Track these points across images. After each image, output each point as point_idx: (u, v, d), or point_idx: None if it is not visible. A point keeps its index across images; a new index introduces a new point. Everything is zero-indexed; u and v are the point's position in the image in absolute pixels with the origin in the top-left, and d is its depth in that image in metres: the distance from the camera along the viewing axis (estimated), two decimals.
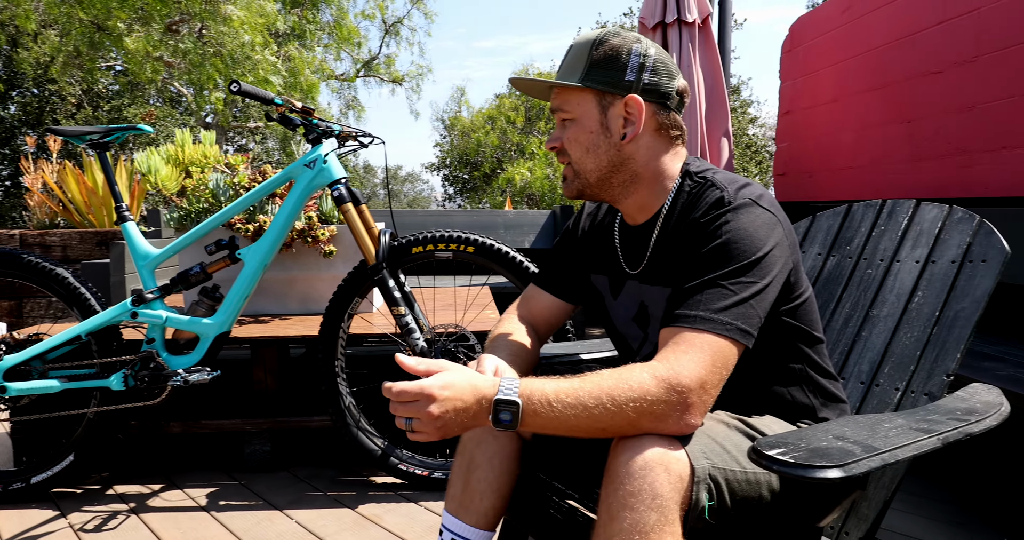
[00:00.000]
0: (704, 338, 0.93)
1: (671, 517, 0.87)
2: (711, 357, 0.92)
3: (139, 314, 2.02)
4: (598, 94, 1.10)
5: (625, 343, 1.26)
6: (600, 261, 1.27)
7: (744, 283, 0.97)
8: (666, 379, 0.89)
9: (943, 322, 1.32)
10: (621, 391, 0.90)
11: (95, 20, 9.93)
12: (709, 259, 0.99)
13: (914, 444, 0.88)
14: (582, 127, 1.11)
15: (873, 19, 4.04)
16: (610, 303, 1.26)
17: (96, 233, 5.07)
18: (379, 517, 1.94)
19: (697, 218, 1.05)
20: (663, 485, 0.87)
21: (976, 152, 3.23)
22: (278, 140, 16.86)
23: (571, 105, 1.12)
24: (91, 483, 2.22)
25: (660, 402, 0.89)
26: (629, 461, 0.89)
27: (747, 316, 0.96)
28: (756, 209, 1.02)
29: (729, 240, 0.99)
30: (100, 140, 2.09)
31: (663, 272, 1.13)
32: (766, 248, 0.99)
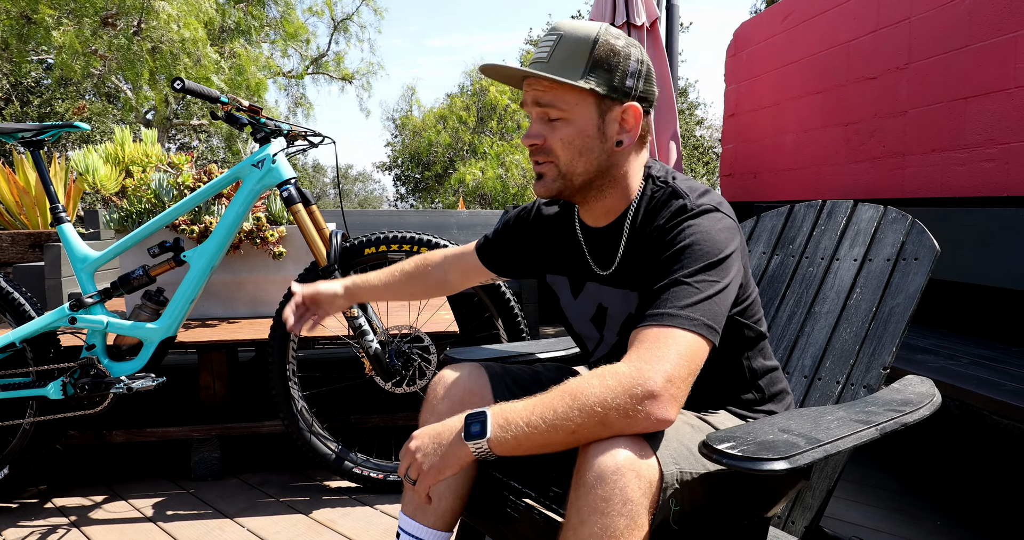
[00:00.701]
0: (670, 333, 0.93)
1: (640, 522, 0.88)
2: (676, 351, 0.92)
3: (78, 319, 1.94)
4: (598, 97, 1.06)
5: (581, 342, 1.29)
6: (560, 261, 1.28)
7: (708, 281, 0.98)
8: (630, 376, 0.89)
9: (879, 317, 1.39)
10: (586, 392, 0.90)
11: (23, 11, 9.48)
12: (674, 261, 1.01)
13: (854, 435, 0.92)
14: (577, 129, 1.07)
15: (811, 27, 4.19)
16: (567, 302, 1.28)
17: (29, 235, 4.85)
18: (334, 522, 1.92)
19: (661, 225, 1.06)
20: (634, 491, 0.87)
21: (909, 155, 3.39)
22: (223, 138, 16.41)
23: (566, 104, 1.06)
24: (28, 497, 2.13)
25: (626, 398, 0.88)
26: (600, 465, 0.89)
27: (712, 313, 0.97)
28: (717, 214, 1.05)
29: (693, 243, 1.01)
30: (33, 138, 2.00)
31: (628, 276, 1.14)
32: (727, 250, 1.02)
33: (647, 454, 0.91)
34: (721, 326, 0.99)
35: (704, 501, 1.01)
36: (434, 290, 1.48)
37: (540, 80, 1.06)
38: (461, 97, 17.24)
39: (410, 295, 1.48)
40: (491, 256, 1.40)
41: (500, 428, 0.95)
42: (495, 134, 15.96)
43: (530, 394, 1.29)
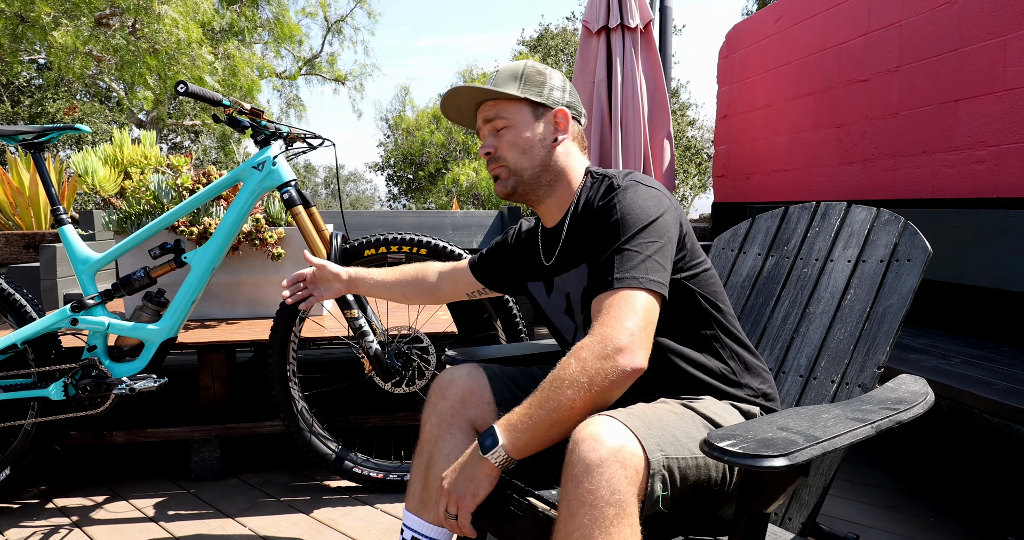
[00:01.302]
0: (621, 295, 1.06)
1: (629, 510, 0.91)
2: (631, 308, 1.04)
3: (79, 321, 1.95)
4: (532, 105, 1.28)
5: (562, 337, 1.37)
6: (531, 269, 1.41)
7: (644, 243, 1.11)
8: (598, 342, 1.01)
9: (873, 318, 1.42)
10: (567, 370, 1.01)
11: (18, 11, 9.43)
12: (611, 233, 1.13)
13: (851, 432, 0.95)
14: (516, 131, 1.27)
15: (803, 29, 4.23)
16: (546, 303, 1.39)
17: (23, 236, 4.84)
18: (335, 521, 1.93)
19: (595, 203, 1.21)
20: (620, 480, 0.91)
21: (900, 156, 3.43)
22: (216, 139, 16.36)
23: (508, 113, 1.27)
24: (29, 497, 2.14)
25: (600, 361, 1.00)
26: (585, 458, 0.92)
27: (654, 269, 1.09)
28: (641, 187, 1.18)
29: (624, 213, 1.14)
30: (34, 140, 2.01)
31: (573, 256, 1.28)
32: (656, 213, 1.14)
33: (631, 443, 0.94)
34: (667, 280, 1.11)
35: (696, 488, 1.04)
36: (426, 296, 1.62)
37: (487, 103, 1.29)
38: None
39: (402, 295, 1.62)
40: (483, 271, 1.54)
41: (509, 432, 1.04)
42: None
43: (527, 393, 1.32)
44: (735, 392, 1.22)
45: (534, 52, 18.29)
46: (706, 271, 1.25)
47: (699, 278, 1.23)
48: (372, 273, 1.63)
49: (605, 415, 0.98)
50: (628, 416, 0.99)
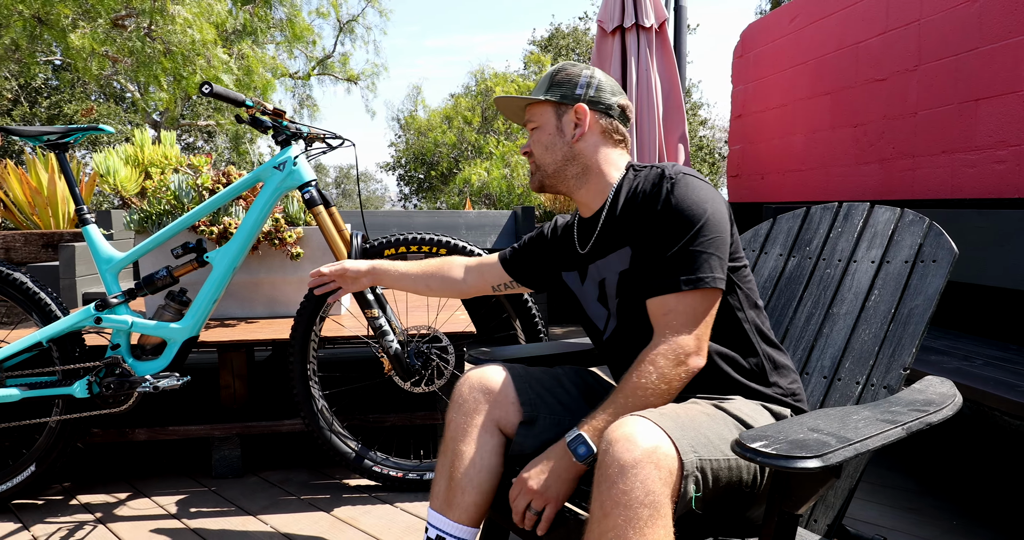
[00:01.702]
0: (689, 297, 1.15)
1: (663, 511, 0.91)
2: (697, 310, 1.14)
3: (103, 319, 1.97)
4: (554, 105, 1.36)
5: (593, 325, 1.39)
6: (567, 258, 1.44)
7: (706, 240, 1.16)
8: (671, 351, 1.12)
9: (898, 319, 1.41)
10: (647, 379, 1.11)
11: (36, 13, 9.53)
12: (668, 227, 1.18)
13: (882, 434, 0.95)
14: (543, 131, 1.37)
15: (819, 28, 4.21)
16: (580, 293, 1.41)
17: (42, 235, 4.89)
18: (355, 519, 1.95)
19: (646, 190, 1.25)
20: (654, 481, 0.91)
21: (919, 156, 3.40)
22: (229, 139, 16.46)
23: (536, 116, 1.38)
24: (53, 493, 2.16)
25: (675, 367, 1.12)
26: (620, 458, 0.93)
27: (718, 267, 1.17)
28: (694, 180, 1.22)
29: (680, 207, 1.18)
30: (58, 141, 2.03)
31: (611, 241, 1.31)
32: (710, 208, 1.18)
33: (665, 444, 0.95)
34: (725, 272, 1.18)
35: (728, 489, 1.04)
36: (450, 288, 1.65)
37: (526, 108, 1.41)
38: (466, 97, 17.26)
39: (427, 287, 1.66)
40: (515, 265, 1.57)
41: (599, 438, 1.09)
42: (500, 134, 15.98)
43: (552, 393, 1.33)
44: (765, 391, 1.22)
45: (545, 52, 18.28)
46: (745, 266, 1.27)
47: (740, 273, 1.26)
48: (396, 265, 1.69)
49: (638, 415, 0.98)
50: (661, 417, 0.99)
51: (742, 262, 1.27)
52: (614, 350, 1.34)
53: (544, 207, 6.35)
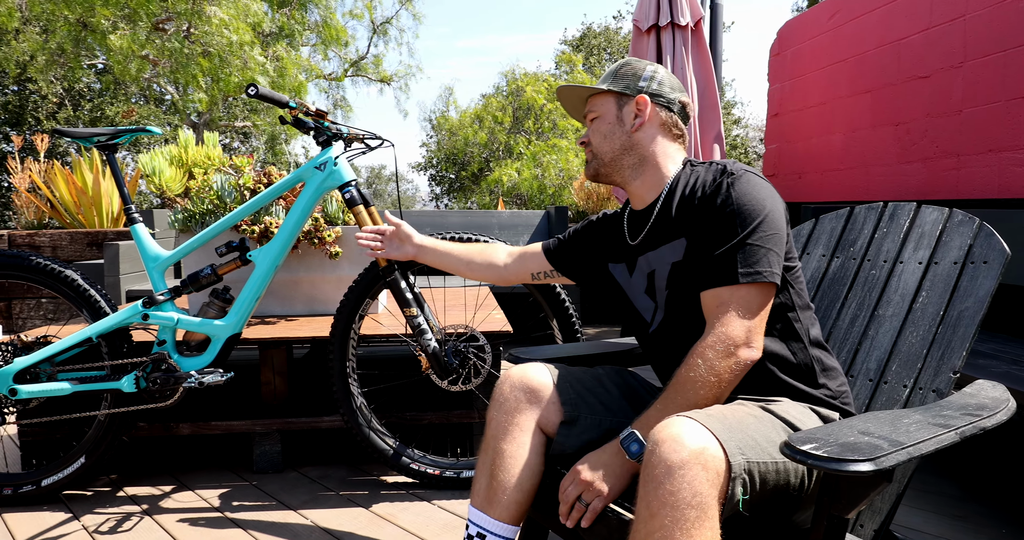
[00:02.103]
0: (743, 291, 1.14)
1: (710, 513, 0.91)
2: (750, 303, 1.14)
3: (150, 316, 2.02)
4: (616, 95, 1.38)
5: (640, 318, 1.39)
6: (615, 250, 1.45)
7: (764, 236, 1.17)
8: (721, 343, 1.11)
9: (947, 321, 1.38)
10: (697, 374, 1.11)
11: (80, 18, 9.81)
12: (728, 223, 1.18)
13: (935, 438, 0.93)
14: (603, 120, 1.39)
15: (860, 24, 4.12)
16: (627, 284, 1.41)
17: (87, 234, 5.04)
18: (394, 516, 1.97)
19: (705, 184, 1.25)
20: (702, 483, 0.91)
21: (964, 155, 3.32)
22: (265, 140, 16.74)
23: (597, 105, 1.40)
24: (100, 485, 2.23)
25: (726, 360, 1.11)
26: (667, 459, 0.92)
27: (776, 262, 1.17)
28: (755, 177, 1.23)
29: (740, 203, 1.18)
30: (108, 142, 2.09)
31: (665, 233, 1.31)
32: (770, 205, 1.19)
33: (713, 446, 0.94)
34: (780, 267, 1.18)
35: (776, 492, 1.03)
36: (490, 271, 1.68)
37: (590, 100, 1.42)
38: (497, 97, 17.30)
39: (467, 268, 1.69)
40: (560, 255, 1.59)
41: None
42: (531, 134, 15.98)
43: (593, 393, 1.33)
44: (813, 393, 1.20)
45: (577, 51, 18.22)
46: (797, 267, 1.27)
47: (792, 273, 1.26)
48: (440, 243, 1.75)
49: (685, 416, 0.98)
50: (708, 418, 0.98)
51: (795, 262, 1.26)
52: (659, 344, 1.34)
53: (577, 207, 6.33)
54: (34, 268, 2.05)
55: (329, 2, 13.07)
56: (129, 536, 1.87)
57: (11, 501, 2.07)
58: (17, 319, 4.95)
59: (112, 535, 1.87)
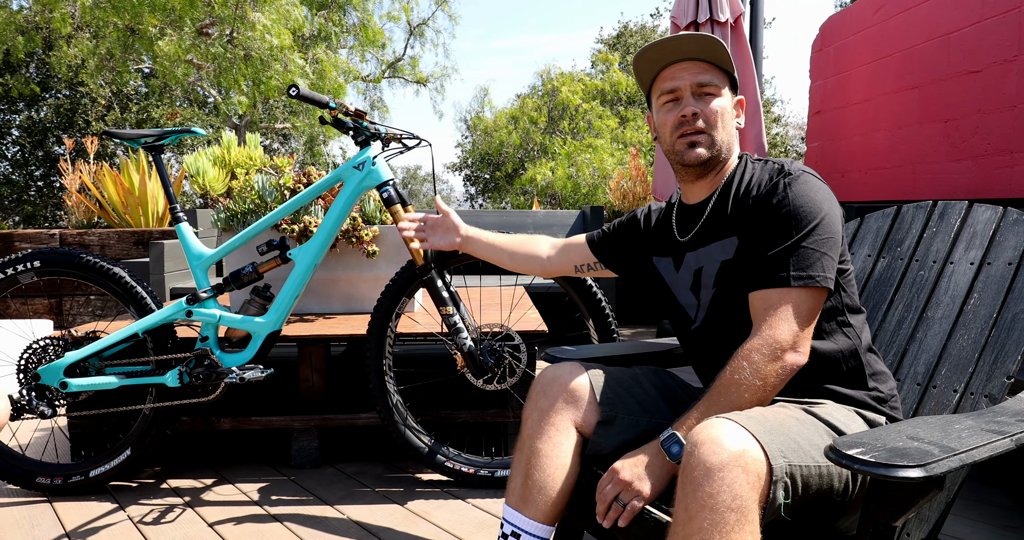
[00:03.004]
0: (793, 294, 1.11)
1: (750, 517, 0.89)
2: (799, 307, 1.11)
3: (194, 313, 2.07)
4: (731, 83, 1.31)
5: (684, 314, 1.36)
6: (661, 243, 1.42)
7: (819, 240, 1.13)
8: (768, 346, 1.08)
9: (1001, 324, 1.33)
10: (742, 375, 1.08)
11: (128, 24, 10.12)
12: (783, 224, 1.15)
13: (989, 445, 0.89)
14: (723, 106, 1.29)
15: (907, 18, 4.00)
16: (672, 280, 1.38)
17: (133, 233, 5.19)
18: (429, 513, 1.98)
19: (762, 182, 1.22)
20: (742, 485, 0.89)
21: (1018, 152, 3.20)
22: (304, 141, 17.03)
23: (719, 83, 1.29)
24: (145, 477, 2.29)
25: (772, 364, 1.08)
26: (706, 461, 0.91)
27: (829, 266, 1.13)
28: (812, 178, 1.20)
29: (796, 204, 1.15)
30: (155, 143, 2.14)
31: (716, 231, 1.28)
32: (827, 208, 1.16)
33: (753, 448, 0.92)
34: (834, 273, 1.14)
35: (823, 497, 1.00)
36: (533, 263, 1.64)
37: (697, 63, 1.27)
38: (532, 97, 17.30)
39: (510, 259, 1.66)
40: (604, 246, 1.56)
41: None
42: (566, 134, 15.94)
43: (630, 393, 1.31)
44: (859, 396, 1.17)
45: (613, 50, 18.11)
46: (850, 270, 1.24)
47: (845, 276, 1.23)
48: (484, 234, 1.70)
49: (725, 417, 0.96)
50: (748, 420, 0.96)
51: (848, 265, 1.23)
52: (702, 342, 1.32)
53: (612, 207, 6.29)
54: (84, 265, 2.12)
55: (367, 5, 13.23)
56: (172, 527, 1.91)
57: (61, 491, 2.14)
58: (68, 315, 5.13)
59: (156, 526, 1.92)
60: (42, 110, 15.58)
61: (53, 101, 15.48)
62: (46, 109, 15.58)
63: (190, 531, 1.89)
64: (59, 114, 15.44)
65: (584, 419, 1.27)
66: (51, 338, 2.11)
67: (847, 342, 1.21)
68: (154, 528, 1.91)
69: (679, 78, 1.28)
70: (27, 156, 15.74)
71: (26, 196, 16.02)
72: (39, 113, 15.58)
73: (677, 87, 1.28)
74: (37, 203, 15.96)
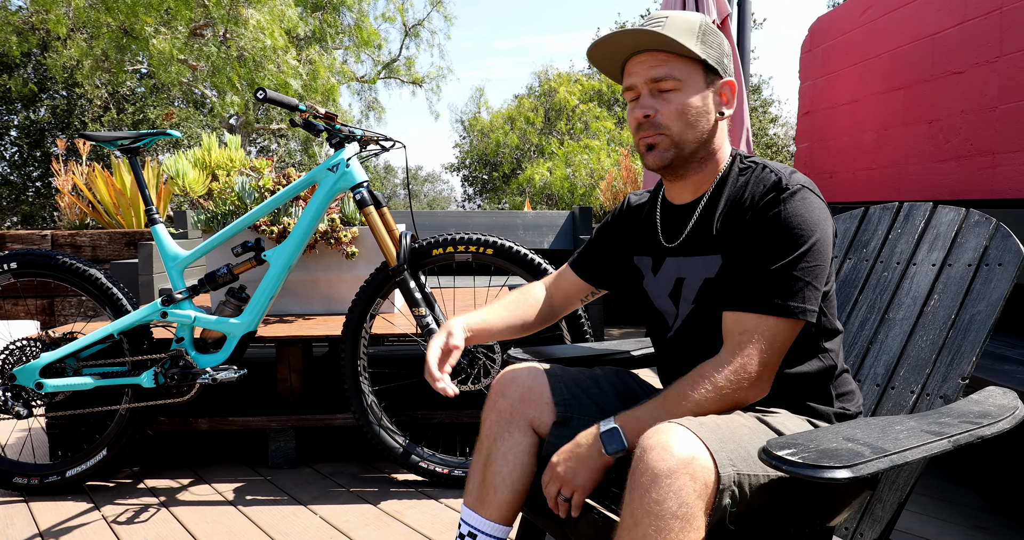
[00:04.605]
0: (768, 322, 1.04)
1: (696, 524, 0.88)
2: (772, 341, 1.04)
3: (169, 314, 2.08)
4: (705, 70, 1.14)
5: (661, 319, 1.29)
6: (643, 242, 1.33)
7: (807, 267, 1.06)
8: (734, 371, 1.03)
9: (959, 325, 1.33)
10: (700, 391, 1.03)
11: (122, 25, 10.13)
12: (771, 245, 1.07)
13: (924, 446, 0.90)
14: (687, 95, 1.13)
15: (892, 20, 4.01)
16: (649, 281, 1.31)
17: (125, 234, 5.19)
18: (401, 513, 1.99)
19: (755, 196, 1.12)
20: (688, 493, 0.88)
21: (999, 153, 3.20)
22: (300, 142, 17.03)
23: (680, 74, 1.12)
24: (122, 477, 2.30)
25: (733, 389, 1.03)
26: (654, 467, 0.90)
27: (811, 298, 1.06)
28: (811, 195, 1.10)
29: (789, 225, 1.06)
30: (131, 145, 2.15)
31: (703, 243, 1.19)
32: (821, 231, 1.07)
33: (703, 455, 0.91)
34: (817, 305, 1.07)
35: (763, 503, 1.00)
36: (545, 318, 1.46)
37: (654, 55, 1.13)
38: (529, 98, 17.30)
39: (523, 328, 1.44)
40: (586, 265, 1.43)
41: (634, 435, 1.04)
42: (563, 134, 15.95)
43: (587, 394, 1.31)
44: (822, 409, 1.16)
45: None
46: (832, 290, 1.18)
47: (827, 298, 1.16)
48: (486, 321, 1.38)
49: (676, 423, 0.95)
50: (700, 426, 0.95)
51: (831, 286, 1.17)
52: (675, 351, 1.27)
53: (604, 208, 6.30)
54: (60, 266, 2.13)
55: (362, 5, 13.24)
56: (145, 527, 1.92)
57: (37, 491, 2.15)
58: (59, 316, 5.14)
59: (129, 525, 1.93)
60: (39, 110, 15.59)
61: (50, 102, 15.49)
62: (43, 110, 15.60)
63: (163, 530, 1.90)
64: (56, 115, 15.45)
65: (540, 420, 1.28)
66: (28, 339, 2.11)
67: (820, 366, 1.17)
68: (127, 528, 1.92)
69: (635, 74, 1.15)
70: (24, 157, 15.75)
71: (23, 197, 16.04)
72: (36, 114, 15.59)
73: (633, 85, 1.16)
74: (34, 204, 15.98)
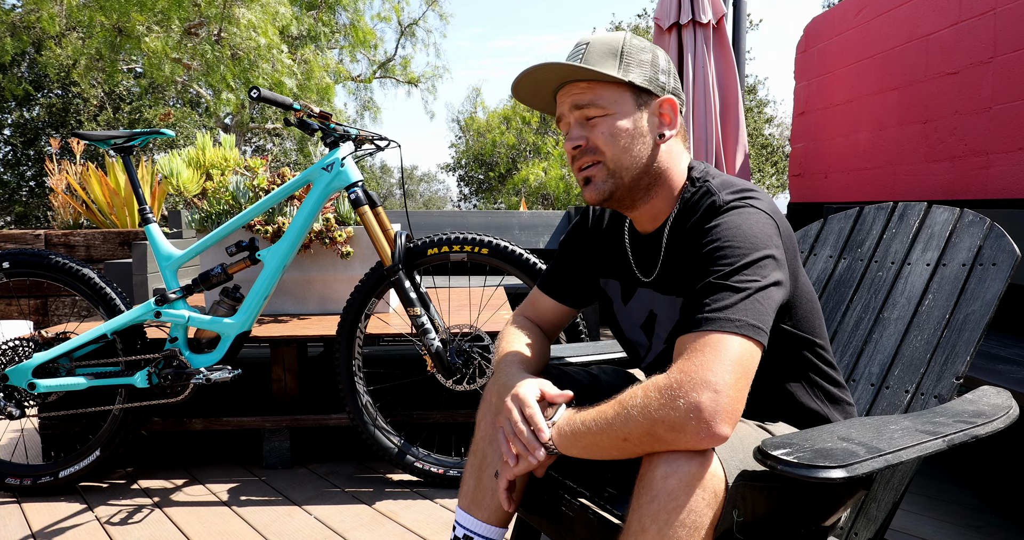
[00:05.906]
0: (711, 338, 0.90)
1: (702, 533, 0.88)
2: (720, 358, 0.88)
3: (162, 314, 2.07)
4: (635, 91, 1.08)
5: (633, 349, 1.28)
6: (611, 266, 1.28)
7: (746, 281, 0.94)
8: (671, 388, 0.87)
9: (953, 325, 1.34)
10: (631, 402, 0.91)
11: (116, 23, 10.10)
12: (708, 261, 0.98)
13: (919, 445, 0.90)
14: (616, 121, 1.07)
15: (887, 20, 4.02)
16: (619, 308, 1.28)
17: (119, 233, 5.17)
18: (395, 513, 1.98)
19: (695, 225, 1.07)
20: (697, 501, 0.87)
21: (993, 153, 3.21)
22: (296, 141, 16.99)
23: (605, 100, 1.07)
24: (116, 477, 2.28)
25: (669, 411, 0.86)
26: (665, 474, 0.89)
27: (756, 312, 0.92)
28: (749, 210, 1.03)
29: (724, 241, 0.98)
30: (124, 144, 2.14)
31: (675, 281, 1.14)
32: (763, 247, 0.98)
33: (712, 464, 0.90)
34: (768, 325, 0.94)
35: (768, 511, 1.00)
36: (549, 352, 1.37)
37: (576, 84, 1.08)
38: None
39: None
40: (556, 287, 1.34)
41: (565, 423, 1.02)
42: (559, 134, 15.95)
43: (587, 395, 1.31)
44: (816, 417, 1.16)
45: None
46: (806, 310, 1.11)
47: (799, 320, 1.10)
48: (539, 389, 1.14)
49: None
50: None
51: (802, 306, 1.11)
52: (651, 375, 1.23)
53: None
54: (53, 266, 2.11)
55: (358, 5, 13.22)
56: (138, 527, 1.91)
57: (31, 491, 2.13)
58: (53, 316, 5.11)
59: (123, 526, 1.92)
60: (34, 109, 15.53)
61: (45, 101, 15.43)
62: (38, 109, 15.53)
63: (156, 531, 1.89)
64: (51, 114, 15.39)
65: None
66: (20, 339, 2.10)
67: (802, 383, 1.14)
68: (120, 528, 1.91)
69: (561, 103, 1.11)
70: (19, 156, 15.69)
71: (17, 196, 15.97)
72: (31, 112, 15.53)
73: (562, 115, 1.12)
74: (29, 203, 15.91)
